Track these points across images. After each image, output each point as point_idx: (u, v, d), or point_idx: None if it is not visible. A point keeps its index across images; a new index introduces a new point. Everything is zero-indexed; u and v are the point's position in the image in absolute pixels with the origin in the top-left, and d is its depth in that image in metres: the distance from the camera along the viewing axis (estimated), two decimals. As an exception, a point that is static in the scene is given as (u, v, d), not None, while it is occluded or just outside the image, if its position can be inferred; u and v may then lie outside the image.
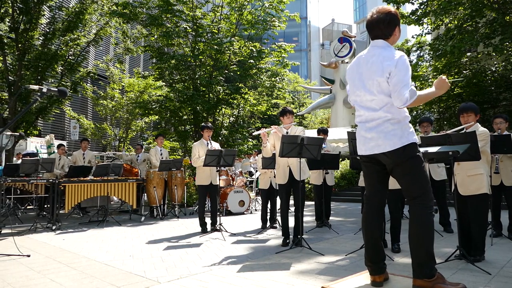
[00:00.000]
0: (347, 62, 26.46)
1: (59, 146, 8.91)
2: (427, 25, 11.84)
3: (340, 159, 9.56)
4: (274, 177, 6.15)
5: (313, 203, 6.83)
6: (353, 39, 26.73)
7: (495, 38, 9.68)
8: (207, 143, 6.17)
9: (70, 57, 12.51)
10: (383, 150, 2.51)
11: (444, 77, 2.61)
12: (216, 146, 6.26)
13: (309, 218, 7.14)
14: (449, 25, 10.87)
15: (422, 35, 12.04)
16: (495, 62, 12.19)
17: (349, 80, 2.78)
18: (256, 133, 5.04)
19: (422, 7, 10.93)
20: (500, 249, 4.30)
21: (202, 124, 6.45)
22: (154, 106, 12.25)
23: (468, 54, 11.72)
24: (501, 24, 9.38)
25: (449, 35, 10.27)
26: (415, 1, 11.15)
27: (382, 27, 2.57)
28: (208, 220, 6.08)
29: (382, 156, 2.54)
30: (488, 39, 9.69)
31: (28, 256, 4.25)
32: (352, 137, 4.53)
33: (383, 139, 2.51)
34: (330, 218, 6.72)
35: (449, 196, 5.98)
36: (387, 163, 2.57)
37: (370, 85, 2.55)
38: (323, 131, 6.66)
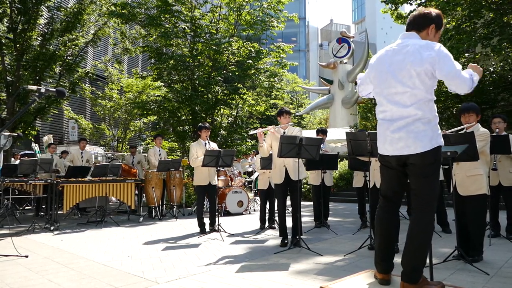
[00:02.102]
0: (345, 63, 26.49)
1: (49, 145, 9.07)
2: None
3: (339, 160, 9.54)
4: (273, 177, 6.15)
5: (311, 203, 6.83)
6: (351, 39, 26.80)
7: (493, 39, 9.69)
8: (205, 143, 6.16)
9: (68, 58, 12.51)
10: (413, 151, 2.39)
11: (474, 64, 2.56)
12: (214, 146, 6.26)
13: (307, 218, 7.14)
14: (447, 25, 10.87)
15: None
16: (493, 63, 12.20)
17: (374, 71, 2.62)
18: (252, 132, 5.01)
19: (420, 7, 10.93)
20: (498, 250, 4.31)
21: (200, 124, 6.42)
22: (152, 107, 12.25)
23: (466, 54, 11.73)
24: (499, 24, 9.40)
25: (447, 36, 10.28)
26: (413, 2, 11.17)
27: (416, 21, 2.53)
28: (206, 221, 6.07)
29: (411, 157, 2.42)
30: (486, 40, 9.70)
31: (26, 256, 4.23)
32: (350, 138, 4.52)
33: (413, 140, 2.38)
34: (329, 218, 6.73)
35: (447, 197, 5.99)
36: (413, 165, 2.44)
37: (403, 76, 2.41)
38: (322, 132, 6.67)
